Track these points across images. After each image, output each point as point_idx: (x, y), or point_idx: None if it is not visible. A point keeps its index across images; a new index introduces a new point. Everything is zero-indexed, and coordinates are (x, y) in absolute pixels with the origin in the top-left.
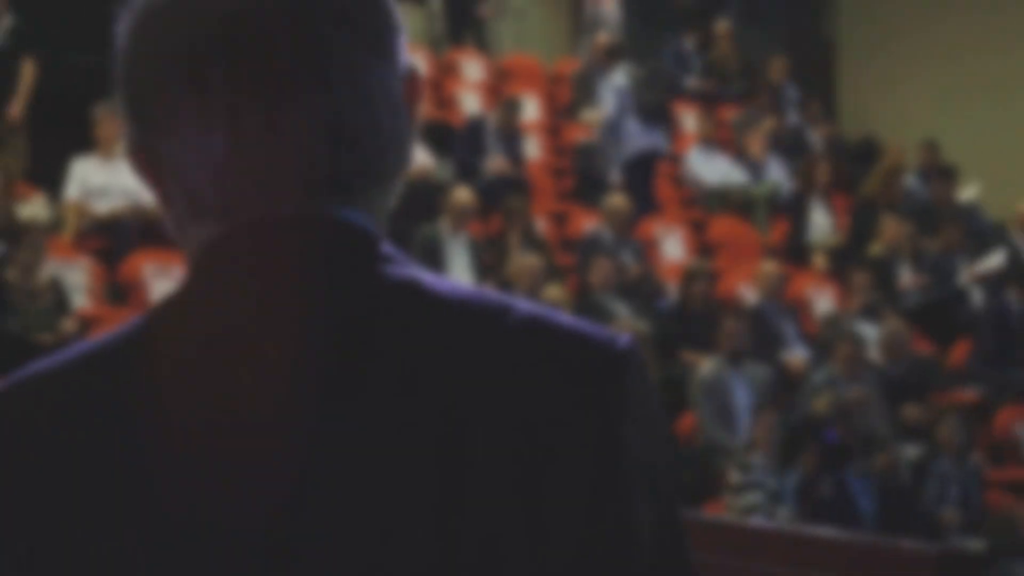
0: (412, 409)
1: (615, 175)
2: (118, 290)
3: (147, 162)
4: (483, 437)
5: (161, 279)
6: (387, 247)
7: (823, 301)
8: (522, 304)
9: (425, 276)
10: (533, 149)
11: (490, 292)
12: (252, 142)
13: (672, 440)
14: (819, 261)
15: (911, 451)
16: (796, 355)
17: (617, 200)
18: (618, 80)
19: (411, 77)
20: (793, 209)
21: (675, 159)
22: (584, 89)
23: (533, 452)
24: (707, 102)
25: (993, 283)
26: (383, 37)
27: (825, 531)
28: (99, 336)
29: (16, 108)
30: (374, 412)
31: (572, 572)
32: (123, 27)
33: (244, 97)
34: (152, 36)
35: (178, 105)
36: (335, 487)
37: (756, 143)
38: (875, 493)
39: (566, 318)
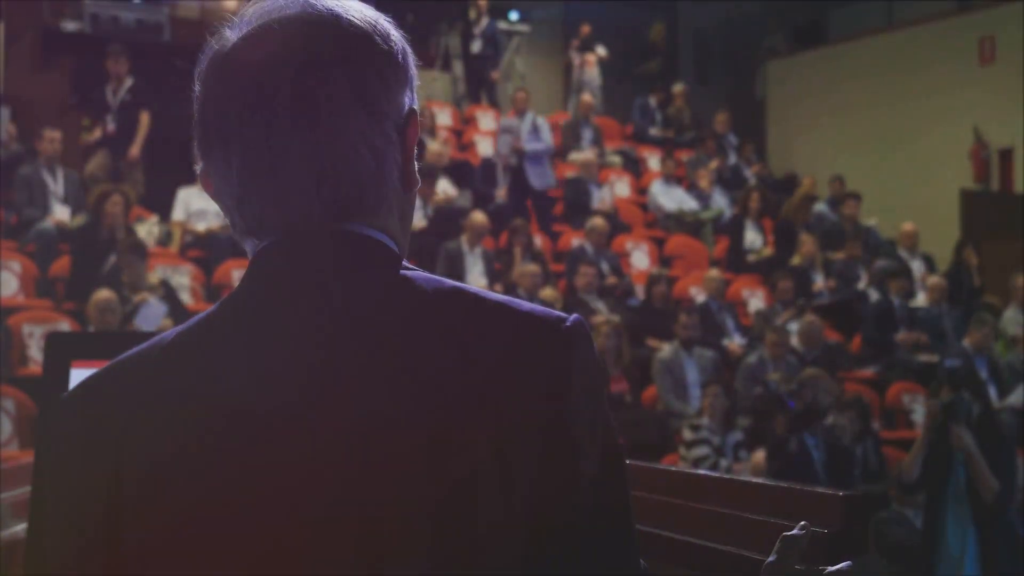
0: (411, 368)
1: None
2: (213, 291)
3: (207, 184)
4: (461, 389)
5: None
6: (392, 251)
7: (755, 300)
8: (493, 294)
9: (419, 274)
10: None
11: (470, 287)
12: (257, 179)
13: (607, 401)
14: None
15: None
16: (735, 342)
17: (596, 221)
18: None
19: (408, 121)
20: (733, 229)
21: (642, 191)
22: (572, 136)
23: (498, 401)
24: (666, 147)
25: (880, 283)
26: (376, 98)
27: (754, 479)
28: (174, 329)
29: (135, 149)
30: (384, 374)
31: (528, 500)
32: (201, 69)
33: (251, 139)
34: (207, 84)
35: (214, 141)
36: (358, 438)
37: (704, 178)
38: (823, 449)
39: (527, 303)
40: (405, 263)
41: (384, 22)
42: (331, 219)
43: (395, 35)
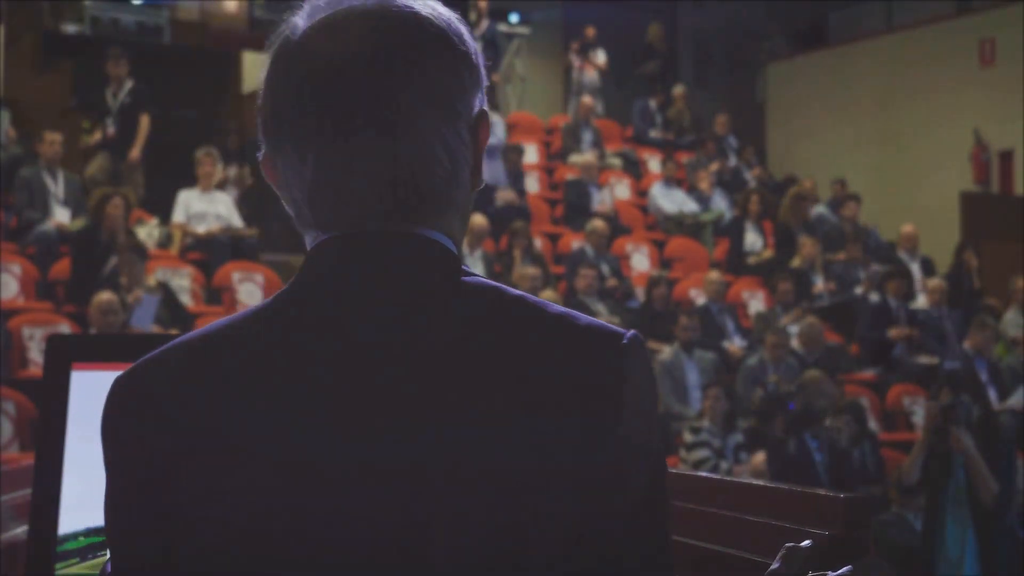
0: (467, 373)
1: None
2: (213, 293)
3: (270, 171)
4: (516, 396)
5: (246, 283)
6: (454, 256)
7: (755, 302)
8: (554, 305)
9: (481, 280)
10: (533, 184)
11: (532, 296)
12: (331, 174)
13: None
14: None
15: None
16: (735, 344)
17: (597, 223)
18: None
19: (479, 122)
20: (733, 231)
21: (642, 194)
22: (572, 138)
23: (552, 410)
24: (667, 149)
25: (880, 285)
26: (452, 99)
27: (756, 481)
28: (230, 316)
29: (135, 152)
30: (440, 377)
31: (574, 510)
32: (270, 56)
33: (328, 136)
34: (280, 72)
35: (286, 132)
36: (437, 424)
37: (704, 181)
38: (824, 451)
39: (587, 317)
40: (466, 267)
41: (456, 22)
42: (401, 219)
43: (468, 36)
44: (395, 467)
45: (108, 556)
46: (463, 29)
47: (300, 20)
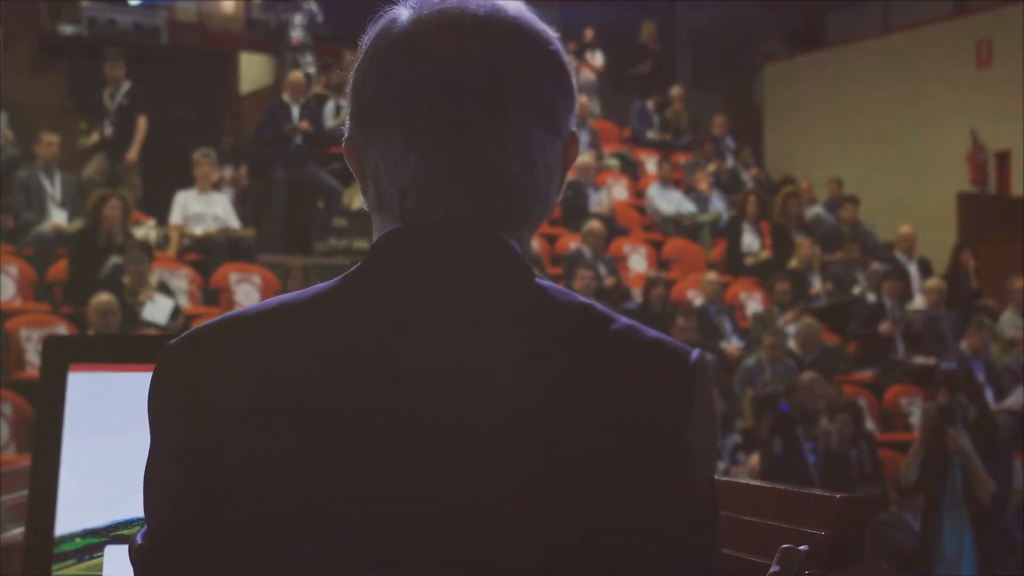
0: (533, 376)
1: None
2: (210, 293)
3: (355, 155)
4: (589, 406)
5: (243, 284)
6: (522, 262)
7: (753, 303)
8: (621, 316)
9: (551, 285)
10: None
11: (599, 305)
12: (436, 172)
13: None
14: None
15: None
16: (732, 345)
17: (594, 224)
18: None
19: (571, 142)
20: (730, 232)
21: (640, 195)
22: None
23: (615, 422)
24: (664, 150)
25: (876, 285)
26: (557, 116)
27: (751, 481)
28: (291, 295)
29: (133, 153)
30: (504, 379)
31: (631, 526)
32: (371, 43)
33: (439, 137)
34: (388, 62)
35: (390, 124)
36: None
37: (702, 182)
38: (819, 452)
39: (654, 331)
40: (536, 274)
41: (558, 41)
42: (486, 222)
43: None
44: (455, 460)
45: (141, 526)
46: (563, 49)
47: (404, 11)
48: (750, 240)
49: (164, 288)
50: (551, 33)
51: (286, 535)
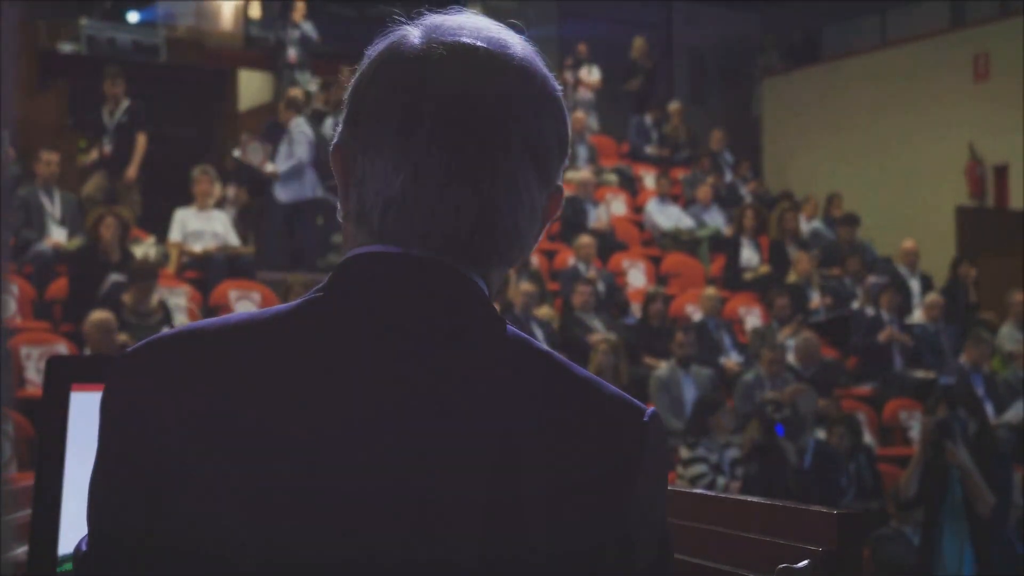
0: (480, 425)
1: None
2: (210, 311)
3: (342, 161)
4: (534, 456)
5: (243, 302)
6: (486, 301)
7: (752, 318)
8: (580, 368)
9: (515, 330)
10: None
11: (558, 355)
12: (423, 192)
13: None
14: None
15: (821, 434)
16: (732, 360)
17: (584, 240)
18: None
19: (556, 195)
20: (729, 247)
21: (638, 210)
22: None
23: (563, 471)
24: (662, 165)
25: (875, 299)
26: (550, 164)
27: (748, 497)
28: (254, 312)
29: (132, 170)
30: (449, 423)
31: (589, 568)
32: (378, 55)
33: (432, 158)
34: (394, 75)
35: (386, 135)
36: (411, 464)
37: (700, 196)
38: (809, 461)
39: (612, 386)
40: (500, 316)
41: (560, 91)
42: (459, 256)
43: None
44: (398, 502)
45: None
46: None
47: (414, 31)
48: (749, 255)
49: (163, 308)
50: (555, 81)
51: (226, 543)
